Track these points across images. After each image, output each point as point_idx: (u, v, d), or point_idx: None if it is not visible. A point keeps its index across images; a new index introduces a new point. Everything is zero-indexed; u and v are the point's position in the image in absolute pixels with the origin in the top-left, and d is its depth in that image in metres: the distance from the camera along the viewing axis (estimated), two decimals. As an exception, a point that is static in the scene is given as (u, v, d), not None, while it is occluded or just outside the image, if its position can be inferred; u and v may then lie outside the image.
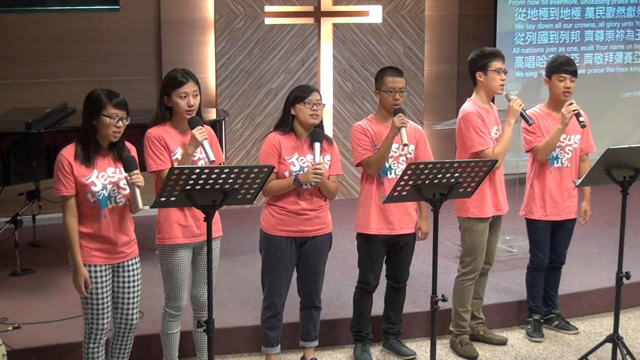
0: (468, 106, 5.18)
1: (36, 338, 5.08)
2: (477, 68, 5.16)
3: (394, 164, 4.96)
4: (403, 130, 4.78)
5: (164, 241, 4.52)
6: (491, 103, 5.28)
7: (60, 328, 5.24)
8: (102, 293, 4.24)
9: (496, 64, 5.12)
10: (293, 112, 4.75)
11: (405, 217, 5.03)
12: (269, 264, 4.84)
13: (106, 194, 4.18)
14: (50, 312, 5.51)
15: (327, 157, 4.81)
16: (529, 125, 5.19)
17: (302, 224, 4.77)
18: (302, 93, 4.74)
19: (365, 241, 5.07)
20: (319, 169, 4.63)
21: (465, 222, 5.24)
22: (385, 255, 5.11)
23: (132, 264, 4.35)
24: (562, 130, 5.23)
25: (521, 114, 5.10)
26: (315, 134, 4.73)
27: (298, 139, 4.76)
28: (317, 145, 4.68)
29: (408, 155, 4.99)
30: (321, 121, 4.79)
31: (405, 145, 4.82)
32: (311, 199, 4.77)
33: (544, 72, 5.45)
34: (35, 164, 5.97)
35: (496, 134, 5.17)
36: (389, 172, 4.96)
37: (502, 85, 5.17)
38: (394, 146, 4.91)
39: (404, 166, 4.95)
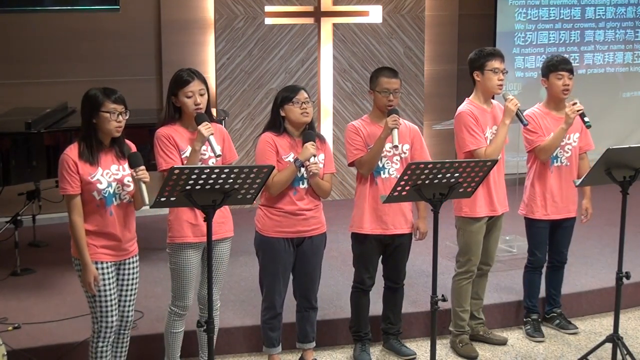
0: (463, 106, 5.19)
1: (36, 338, 5.08)
2: (475, 67, 5.16)
3: (387, 163, 4.96)
4: (395, 131, 4.79)
5: (174, 239, 4.52)
6: (493, 102, 5.26)
7: (60, 328, 5.23)
8: (110, 290, 4.25)
9: (494, 64, 5.10)
10: (283, 114, 4.73)
11: (399, 218, 5.02)
12: (267, 266, 4.82)
13: (112, 191, 4.20)
14: (50, 312, 5.51)
15: (321, 156, 4.79)
16: (524, 126, 5.18)
17: (299, 224, 4.75)
18: (290, 93, 4.72)
19: (359, 241, 5.07)
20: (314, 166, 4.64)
21: (460, 222, 5.25)
22: (381, 255, 5.12)
23: (133, 262, 4.37)
24: (566, 130, 5.22)
25: (517, 114, 5.07)
26: (308, 135, 4.71)
27: (292, 138, 4.75)
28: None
29: (403, 155, 4.99)
30: (312, 120, 4.78)
31: (394, 147, 4.82)
32: (307, 198, 4.76)
33: (540, 73, 5.43)
34: (35, 164, 5.97)
35: (493, 133, 5.16)
36: (382, 172, 4.96)
37: (500, 85, 5.14)
38: (388, 146, 4.90)
39: (397, 166, 4.96)
